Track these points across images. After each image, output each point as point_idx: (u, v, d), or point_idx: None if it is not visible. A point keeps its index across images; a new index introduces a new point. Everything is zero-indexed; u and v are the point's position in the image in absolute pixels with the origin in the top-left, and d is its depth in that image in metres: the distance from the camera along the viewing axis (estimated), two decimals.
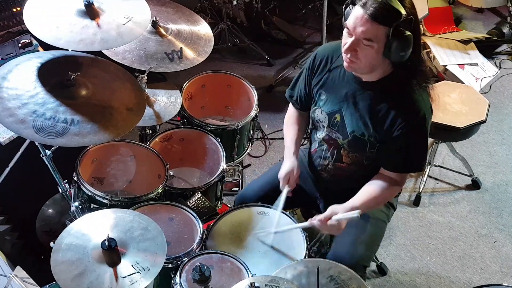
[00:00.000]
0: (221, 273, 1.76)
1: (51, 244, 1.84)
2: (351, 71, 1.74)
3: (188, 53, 2.21)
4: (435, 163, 3.10)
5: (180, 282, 1.72)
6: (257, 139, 3.25)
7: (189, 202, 2.08)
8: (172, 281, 1.76)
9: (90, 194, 1.96)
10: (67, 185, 2.08)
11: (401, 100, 1.72)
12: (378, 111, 1.76)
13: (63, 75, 1.74)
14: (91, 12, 1.85)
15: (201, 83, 2.54)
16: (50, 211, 2.50)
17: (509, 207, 3.00)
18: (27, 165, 2.08)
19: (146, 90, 2.19)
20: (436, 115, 1.79)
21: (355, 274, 1.64)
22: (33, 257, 2.35)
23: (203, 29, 2.34)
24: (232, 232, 1.96)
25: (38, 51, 2.32)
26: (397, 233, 2.85)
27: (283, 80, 3.63)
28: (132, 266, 1.55)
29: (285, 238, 1.93)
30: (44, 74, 1.76)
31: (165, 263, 1.59)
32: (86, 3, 1.83)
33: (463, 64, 3.75)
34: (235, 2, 3.72)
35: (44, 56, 1.85)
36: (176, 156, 2.38)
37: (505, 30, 4.12)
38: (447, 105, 2.76)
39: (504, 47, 4.05)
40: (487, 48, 3.96)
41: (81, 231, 1.63)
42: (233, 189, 2.79)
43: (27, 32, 2.36)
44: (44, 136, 1.61)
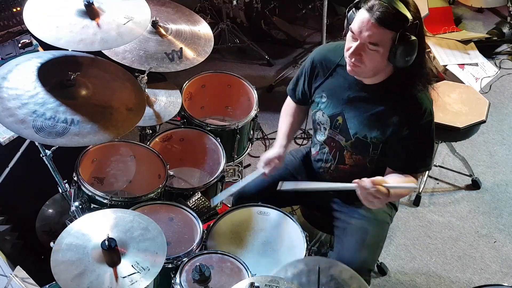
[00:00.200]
0: (221, 273, 1.76)
1: (51, 244, 1.84)
2: (354, 75, 1.73)
3: (188, 53, 2.21)
4: (435, 163, 3.10)
5: (180, 282, 1.72)
6: (257, 139, 3.25)
7: (189, 202, 2.08)
8: (172, 281, 1.76)
9: (90, 194, 1.97)
10: (67, 185, 2.07)
11: (404, 100, 1.72)
12: (382, 112, 1.75)
13: (63, 75, 1.74)
14: (91, 12, 1.85)
15: (201, 83, 2.54)
16: (50, 211, 2.50)
17: (509, 207, 3.00)
18: (27, 165, 2.08)
19: (146, 90, 2.20)
20: (436, 115, 1.78)
21: (356, 273, 1.64)
22: (33, 257, 2.35)
23: (203, 29, 2.34)
24: (232, 232, 1.96)
25: (38, 51, 2.32)
26: (397, 233, 2.85)
27: (283, 80, 3.63)
28: (132, 266, 1.55)
29: (285, 238, 1.93)
30: (44, 74, 1.76)
31: (165, 263, 1.59)
32: (86, 3, 1.83)
33: (463, 64, 3.75)
34: (235, 2, 3.72)
35: (44, 56, 1.85)
36: (176, 156, 2.38)
37: (505, 30, 4.12)
38: (447, 105, 2.76)
39: (504, 47, 4.05)
40: (487, 48, 3.96)
41: (81, 231, 1.63)
42: None
43: (27, 32, 2.36)
44: (44, 136, 1.61)
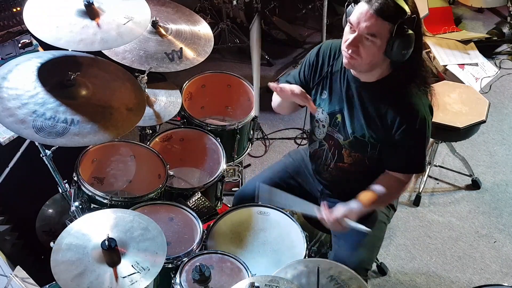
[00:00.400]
0: (221, 273, 1.76)
1: (51, 244, 1.84)
2: (350, 68, 1.73)
3: (188, 53, 2.21)
4: (435, 163, 3.10)
5: (180, 282, 1.72)
6: (257, 139, 3.25)
7: (189, 202, 2.08)
8: (172, 281, 1.76)
9: (90, 194, 1.97)
10: (67, 185, 2.07)
11: (399, 102, 1.72)
12: (377, 112, 1.75)
13: (63, 75, 1.74)
14: (91, 12, 1.85)
15: (201, 83, 2.54)
16: (50, 211, 2.50)
17: (509, 207, 3.00)
18: (27, 165, 2.08)
19: (146, 90, 2.19)
20: (436, 115, 1.78)
21: (356, 274, 1.64)
22: (33, 257, 2.35)
23: (203, 29, 2.34)
24: (232, 232, 1.96)
25: (38, 51, 2.31)
26: (397, 233, 2.85)
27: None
28: (132, 266, 1.55)
29: (285, 238, 1.93)
30: (44, 74, 1.76)
31: (165, 263, 1.59)
32: (86, 3, 1.83)
33: (463, 64, 3.75)
34: (235, 2, 3.72)
35: (44, 56, 1.85)
36: (176, 156, 2.37)
37: (505, 30, 4.12)
38: (447, 105, 2.75)
39: (504, 47, 4.05)
40: (487, 48, 3.96)
41: (81, 231, 1.63)
42: (233, 189, 2.77)
43: (27, 32, 2.36)
44: (44, 136, 1.61)
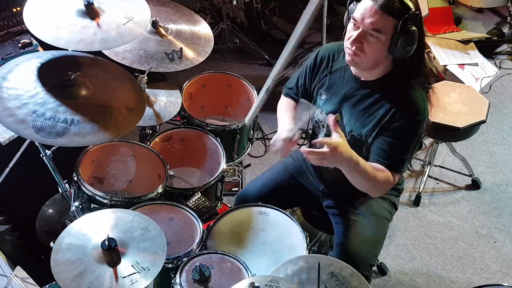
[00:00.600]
0: (221, 273, 1.76)
1: (51, 244, 1.84)
2: (353, 65, 1.73)
3: (188, 53, 2.21)
4: (435, 163, 3.10)
5: (180, 282, 1.72)
6: (257, 139, 3.25)
7: (189, 202, 2.08)
8: (172, 281, 1.75)
9: (90, 194, 1.96)
10: (67, 185, 2.07)
11: (400, 99, 1.71)
12: (377, 110, 1.74)
13: (63, 75, 1.74)
14: (91, 12, 1.85)
15: (201, 83, 2.54)
16: (50, 211, 2.50)
17: (509, 207, 3.00)
18: (27, 165, 2.08)
19: (146, 90, 2.19)
20: (436, 115, 1.77)
21: (356, 271, 1.64)
22: (33, 257, 2.35)
23: (203, 29, 2.34)
24: (232, 232, 1.96)
25: (38, 51, 2.32)
26: (397, 233, 2.85)
27: (283, 80, 3.61)
28: (132, 266, 1.55)
29: (285, 238, 1.93)
30: (44, 74, 1.76)
31: (165, 263, 1.59)
32: (86, 3, 1.83)
33: (463, 64, 3.75)
34: (235, 2, 3.72)
35: (44, 56, 1.85)
36: (176, 156, 2.37)
37: (505, 30, 4.12)
38: (447, 105, 2.75)
39: (504, 47, 4.06)
40: (487, 48, 3.96)
41: (81, 231, 1.63)
42: (233, 189, 2.78)
43: (27, 32, 2.36)
44: (44, 136, 1.61)
